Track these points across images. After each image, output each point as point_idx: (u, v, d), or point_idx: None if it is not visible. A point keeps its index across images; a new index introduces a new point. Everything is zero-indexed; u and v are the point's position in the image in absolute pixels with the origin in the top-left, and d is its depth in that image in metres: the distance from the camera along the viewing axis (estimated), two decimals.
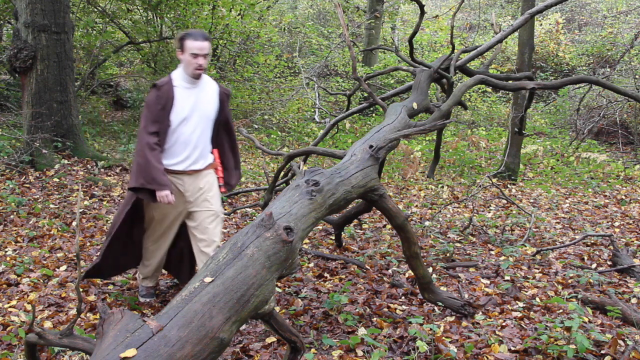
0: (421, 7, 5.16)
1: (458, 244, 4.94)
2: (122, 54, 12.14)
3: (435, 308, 3.50)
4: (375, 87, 12.48)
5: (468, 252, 4.75)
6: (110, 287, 3.85)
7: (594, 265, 4.47)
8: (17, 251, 4.41)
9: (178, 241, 3.64)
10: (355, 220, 5.25)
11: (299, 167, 3.41)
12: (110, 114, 11.36)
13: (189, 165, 3.34)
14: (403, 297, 3.75)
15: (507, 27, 5.87)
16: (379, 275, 4.16)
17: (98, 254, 3.53)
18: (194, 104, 3.29)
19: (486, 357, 2.87)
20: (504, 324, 3.27)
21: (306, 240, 4.95)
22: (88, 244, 4.64)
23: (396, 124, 3.80)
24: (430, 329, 3.09)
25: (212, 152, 3.48)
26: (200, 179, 3.38)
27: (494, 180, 6.51)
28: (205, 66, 3.22)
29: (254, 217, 5.18)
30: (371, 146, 3.25)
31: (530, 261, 4.52)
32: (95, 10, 10.47)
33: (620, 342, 2.95)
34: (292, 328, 2.49)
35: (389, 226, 5.37)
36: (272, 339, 3.07)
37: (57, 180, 6.23)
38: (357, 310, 3.44)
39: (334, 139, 9.35)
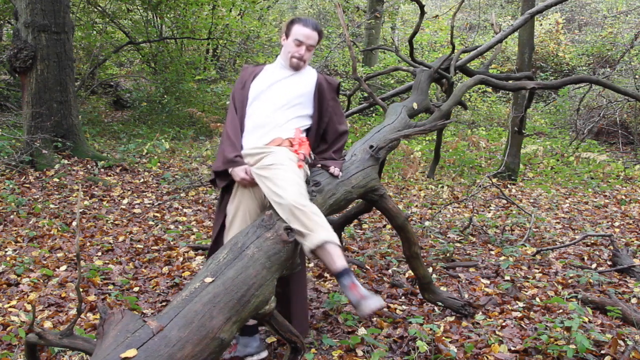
0: (421, 7, 5.16)
1: (458, 244, 4.94)
2: (122, 54, 12.16)
3: (435, 308, 3.50)
4: (375, 87, 12.48)
5: (468, 252, 4.75)
6: (110, 287, 3.85)
7: (594, 265, 4.47)
8: (17, 251, 4.40)
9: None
10: (355, 220, 5.25)
11: None
12: (110, 114, 11.36)
13: (258, 142, 2.81)
14: (403, 297, 3.75)
15: (507, 27, 5.88)
16: (379, 275, 4.16)
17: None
18: (275, 81, 2.88)
19: (486, 357, 2.87)
20: (504, 324, 3.27)
21: None
22: (88, 244, 4.64)
23: (396, 124, 3.80)
24: (430, 329, 3.09)
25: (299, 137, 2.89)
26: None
27: (494, 180, 6.51)
28: (307, 59, 2.88)
29: None
30: (371, 146, 3.25)
31: (530, 261, 4.52)
32: (95, 10, 10.47)
33: (620, 342, 2.95)
34: (292, 328, 2.49)
35: (389, 226, 5.37)
36: (272, 339, 3.07)
37: (57, 180, 6.23)
38: None
39: None
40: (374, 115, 12.40)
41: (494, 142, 10.27)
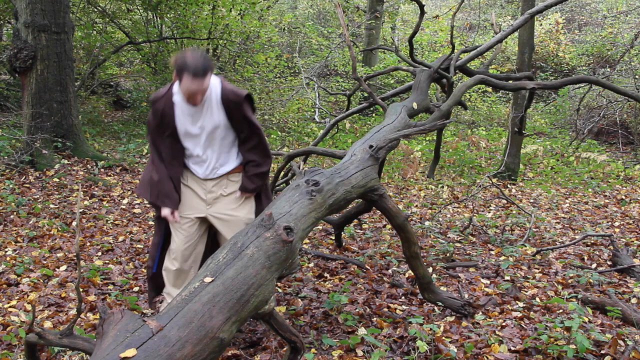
0: (421, 7, 5.16)
1: (458, 244, 4.94)
2: (122, 54, 12.14)
3: (435, 308, 3.50)
4: (375, 87, 12.48)
5: (468, 252, 4.74)
6: (110, 287, 3.85)
7: (594, 265, 4.47)
8: (17, 251, 4.41)
9: None
10: (355, 220, 5.25)
11: (299, 167, 3.41)
12: (110, 114, 11.36)
13: (207, 175, 2.98)
14: (403, 297, 3.75)
15: (507, 27, 5.88)
16: (379, 275, 4.16)
17: (149, 267, 3.18)
18: (192, 119, 2.86)
19: (486, 357, 2.87)
20: (504, 324, 3.27)
21: (306, 240, 4.95)
22: (88, 244, 4.64)
23: (396, 124, 3.80)
24: (430, 329, 3.09)
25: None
26: (225, 184, 3.02)
27: (494, 180, 6.51)
28: (201, 98, 2.78)
29: None
30: (371, 146, 3.25)
31: (530, 261, 4.52)
32: (95, 10, 10.47)
33: (620, 342, 2.95)
34: (292, 328, 2.49)
35: (389, 226, 5.37)
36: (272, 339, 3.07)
37: (57, 180, 6.23)
38: (357, 310, 3.44)
39: (334, 139, 9.35)
40: (374, 115, 12.40)
41: (494, 142, 10.27)
